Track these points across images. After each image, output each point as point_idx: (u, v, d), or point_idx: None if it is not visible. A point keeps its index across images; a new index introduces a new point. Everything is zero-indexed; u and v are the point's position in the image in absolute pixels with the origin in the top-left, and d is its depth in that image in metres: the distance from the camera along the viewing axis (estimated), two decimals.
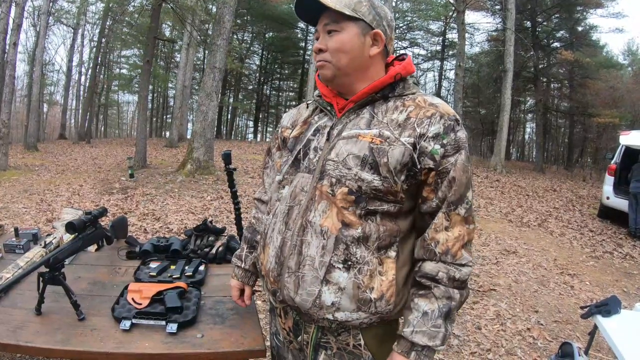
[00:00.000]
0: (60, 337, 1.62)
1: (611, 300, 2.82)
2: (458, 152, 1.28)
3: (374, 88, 1.34)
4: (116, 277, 2.22)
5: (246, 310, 1.89)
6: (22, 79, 27.99)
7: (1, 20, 13.38)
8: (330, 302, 1.29)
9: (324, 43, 1.36)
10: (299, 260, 1.32)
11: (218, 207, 8.29)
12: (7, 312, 1.77)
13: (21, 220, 6.87)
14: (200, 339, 1.66)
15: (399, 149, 1.25)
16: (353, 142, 1.30)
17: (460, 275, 1.29)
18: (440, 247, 1.29)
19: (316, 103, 1.52)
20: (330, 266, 1.28)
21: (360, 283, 1.28)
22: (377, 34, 1.35)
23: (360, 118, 1.35)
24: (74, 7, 26.15)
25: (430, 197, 1.30)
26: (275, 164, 1.63)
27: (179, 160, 13.86)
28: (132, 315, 1.74)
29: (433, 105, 1.31)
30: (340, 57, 1.35)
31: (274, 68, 37.19)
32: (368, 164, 1.26)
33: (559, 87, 27.36)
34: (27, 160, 14.79)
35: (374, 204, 1.28)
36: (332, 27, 1.34)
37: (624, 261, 6.77)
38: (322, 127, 1.42)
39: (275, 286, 1.39)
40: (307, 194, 1.35)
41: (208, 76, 11.56)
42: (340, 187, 1.28)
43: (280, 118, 1.70)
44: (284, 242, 1.36)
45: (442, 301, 1.27)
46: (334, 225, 1.28)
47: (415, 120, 1.28)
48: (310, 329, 1.41)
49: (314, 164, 1.36)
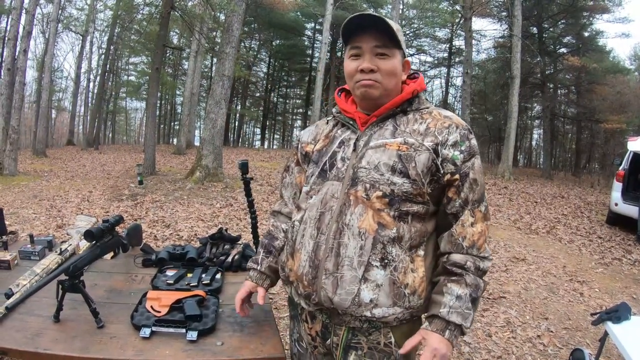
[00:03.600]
0: (79, 345, 1.61)
1: (621, 306, 2.81)
2: (473, 157, 1.43)
3: (394, 103, 1.47)
4: (133, 284, 2.22)
5: (264, 318, 1.90)
6: (30, 85, 28.18)
7: (12, 27, 13.52)
8: (368, 299, 1.37)
9: (375, 64, 1.43)
10: (337, 262, 1.39)
11: (227, 214, 8.31)
12: (24, 319, 1.76)
13: (31, 225, 6.91)
14: (220, 346, 1.66)
15: (424, 154, 1.38)
16: (381, 150, 1.42)
17: (484, 266, 1.43)
18: (467, 241, 1.42)
19: (337, 119, 1.62)
20: (368, 265, 1.37)
21: (396, 279, 1.37)
22: (407, 62, 1.52)
23: (385, 129, 1.47)
24: (83, 14, 26.44)
25: (454, 197, 1.42)
26: (296, 178, 1.75)
27: (187, 167, 13.91)
28: (152, 323, 1.74)
29: (447, 117, 1.46)
30: (390, 80, 1.46)
31: (281, 75, 37.34)
32: (398, 170, 1.38)
33: (566, 93, 27.35)
34: (36, 166, 14.89)
35: (406, 205, 1.39)
36: (384, 50, 1.43)
37: (633, 268, 6.73)
38: (347, 139, 1.52)
39: (309, 289, 1.45)
40: (338, 200, 1.44)
41: (217, 84, 11.62)
42: (375, 191, 1.39)
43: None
44: (317, 246, 1.43)
45: (471, 287, 1.40)
46: (371, 227, 1.38)
47: (435, 129, 1.42)
48: (340, 330, 1.48)
49: (343, 172, 1.46)
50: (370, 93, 1.45)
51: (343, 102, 1.61)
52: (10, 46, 13.33)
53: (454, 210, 1.43)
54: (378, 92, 1.45)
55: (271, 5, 25.42)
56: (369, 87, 1.44)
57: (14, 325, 1.71)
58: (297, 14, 29.86)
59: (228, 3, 11.41)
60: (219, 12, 15.78)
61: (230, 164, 14.79)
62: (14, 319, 1.75)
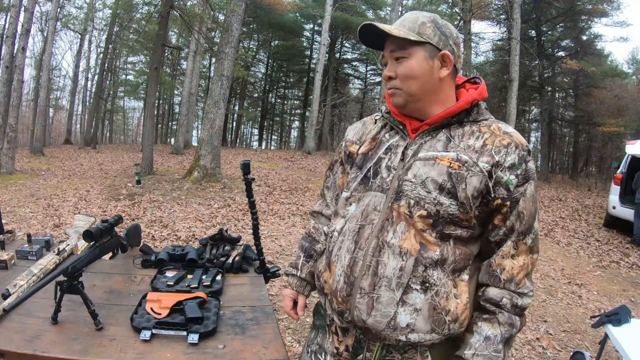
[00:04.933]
0: (79, 347, 1.59)
1: (621, 309, 2.83)
2: (528, 182, 1.29)
3: (450, 113, 1.33)
4: (132, 285, 2.21)
5: (266, 320, 1.89)
6: (28, 83, 28.17)
7: (10, 25, 13.48)
8: (405, 324, 1.28)
9: (393, 70, 1.35)
10: (373, 281, 1.30)
11: (226, 215, 8.30)
12: (22, 320, 1.74)
13: (28, 224, 6.89)
14: (222, 349, 1.64)
15: (477, 177, 1.26)
16: (430, 164, 1.29)
17: (522, 303, 1.31)
18: (505, 274, 1.31)
19: (386, 120, 1.49)
20: (407, 287, 1.27)
21: (437, 305, 1.27)
22: (445, 55, 1.33)
23: (437, 140, 1.34)
24: (82, 13, 26.42)
25: (499, 225, 1.31)
26: (338, 179, 1.63)
27: (185, 167, 13.90)
28: (152, 325, 1.72)
29: (508, 134, 1.31)
30: (410, 84, 1.33)
31: (280, 76, 37.35)
32: (446, 189, 1.26)
33: (564, 96, 27.35)
34: (33, 165, 14.85)
35: (449, 229, 1.28)
36: (399, 53, 1.33)
37: (631, 271, 6.76)
38: (395, 145, 1.40)
39: (343, 307, 1.36)
40: (380, 214, 1.33)
41: (216, 84, 11.60)
42: (419, 210, 1.27)
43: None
44: (354, 261, 1.34)
45: (504, 327, 1.29)
46: (413, 247, 1.27)
47: (492, 147, 1.28)
48: (374, 347, 1.38)
49: (388, 183, 1.35)
50: (396, 102, 1.37)
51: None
52: (9, 44, 13.29)
53: (497, 238, 1.32)
54: (402, 99, 1.35)
55: (270, 6, 25.45)
56: (392, 95, 1.37)
57: (12, 327, 1.69)
58: (296, 15, 29.88)
59: (227, 3, 11.40)
60: (218, 12, 15.79)
61: (228, 164, 14.79)
62: (11, 321, 1.73)
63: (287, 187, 11.90)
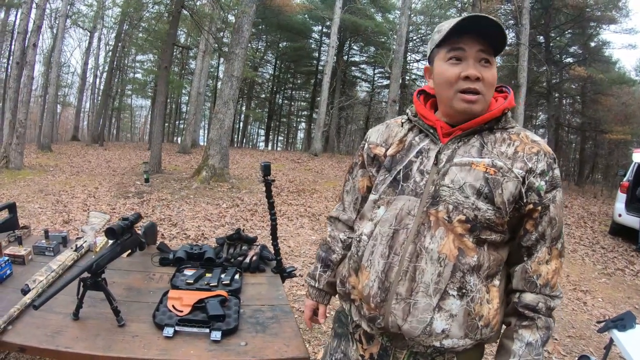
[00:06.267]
0: (102, 344, 1.60)
1: (627, 315, 2.85)
2: (555, 188, 1.31)
3: (483, 119, 1.32)
4: (151, 283, 2.25)
5: (285, 319, 1.92)
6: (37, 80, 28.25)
7: (22, 21, 13.57)
8: (440, 329, 1.28)
9: (479, 72, 1.29)
10: (411, 287, 1.29)
11: (234, 215, 8.33)
12: (43, 316, 1.75)
13: (37, 220, 6.95)
14: (244, 347, 1.67)
15: (512, 182, 1.27)
16: (467, 170, 1.29)
17: (554, 304, 1.34)
18: (541, 279, 1.32)
19: (413, 123, 1.46)
20: (445, 293, 1.27)
21: (472, 310, 1.28)
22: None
23: (471, 146, 1.33)
24: (91, 11, 26.50)
25: (531, 230, 1.32)
26: (358, 182, 1.60)
27: (192, 167, 13.92)
28: (175, 322, 1.75)
29: (535, 142, 1.33)
30: (491, 93, 1.34)
31: (287, 77, 37.28)
32: (484, 194, 1.26)
33: (571, 102, 27.25)
34: (41, 161, 14.92)
35: (485, 233, 1.28)
36: (488, 57, 1.31)
37: (636, 278, 6.73)
38: (426, 149, 1.38)
39: (376, 312, 1.34)
40: (415, 218, 1.32)
41: (226, 84, 11.63)
42: (458, 215, 1.27)
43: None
44: (389, 266, 1.32)
45: (542, 331, 1.32)
46: (451, 253, 1.27)
47: (524, 155, 1.30)
48: (401, 354, 1.39)
49: (421, 188, 1.33)
50: (473, 110, 1.31)
51: (422, 106, 1.44)
52: (20, 40, 13.38)
53: (528, 243, 1.33)
54: (480, 107, 1.31)
55: (279, 7, 25.45)
56: (473, 103, 1.30)
57: (33, 322, 1.71)
58: (305, 16, 29.82)
59: (238, 4, 11.43)
60: (228, 13, 15.81)
61: (235, 165, 14.80)
62: (32, 316, 1.75)
63: (294, 188, 11.90)
